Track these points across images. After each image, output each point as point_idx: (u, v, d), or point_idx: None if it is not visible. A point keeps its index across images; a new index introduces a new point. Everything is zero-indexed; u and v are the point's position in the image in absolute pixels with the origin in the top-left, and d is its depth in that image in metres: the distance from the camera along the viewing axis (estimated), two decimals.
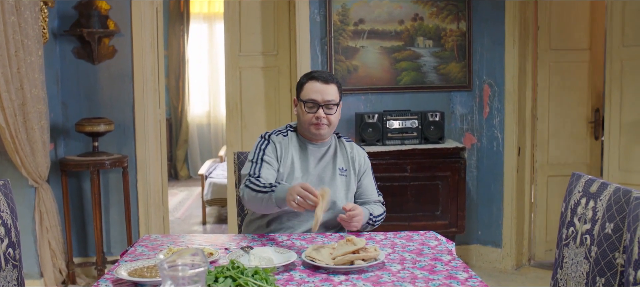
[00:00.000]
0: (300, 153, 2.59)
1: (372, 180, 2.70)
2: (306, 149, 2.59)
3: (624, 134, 3.98)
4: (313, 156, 2.59)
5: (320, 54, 4.50)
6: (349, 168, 2.61)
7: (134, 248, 2.31)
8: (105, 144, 4.39)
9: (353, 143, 2.71)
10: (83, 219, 4.47)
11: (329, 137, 2.62)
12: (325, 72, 2.59)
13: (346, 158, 2.63)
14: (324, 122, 2.52)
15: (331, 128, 2.56)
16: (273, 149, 2.56)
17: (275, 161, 2.54)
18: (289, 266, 2.02)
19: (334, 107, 2.53)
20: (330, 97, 2.51)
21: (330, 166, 2.59)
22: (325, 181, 2.55)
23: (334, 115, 2.54)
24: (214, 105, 9.02)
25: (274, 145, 2.57)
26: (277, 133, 2.62)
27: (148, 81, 4.43)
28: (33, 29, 3.73)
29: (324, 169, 2.58)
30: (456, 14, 4.51)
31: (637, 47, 3.88)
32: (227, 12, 4.77)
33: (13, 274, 2.14)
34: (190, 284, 1.28)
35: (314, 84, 2.53)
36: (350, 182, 2.61)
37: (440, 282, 1.86)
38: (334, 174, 2.57)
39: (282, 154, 2.56)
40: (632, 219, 1.66)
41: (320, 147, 2.60)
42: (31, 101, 3.74)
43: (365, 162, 2.69)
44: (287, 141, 2.60)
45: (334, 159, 2.61)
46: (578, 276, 1.98)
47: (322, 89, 2.51)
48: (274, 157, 2.55)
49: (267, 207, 2.40)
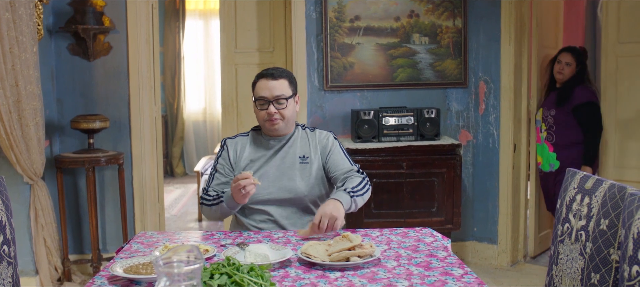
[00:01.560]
0: (257, 149, 2.68)
1: (342, 155, 2.68)
2: (266, 144, 2.67)
3: (619, 130, 3.99)
4: (272, 149, 2.66)
5: (316, 50, 4.50)
6: (311, 155, 2.65)
7: (130, 245, 2.31)
8: (101, 141, 4.38)
9: (317, 130, 2.76)
10: (78, 216, 4.46)
11: (287, 131, 2.67)
12: (274, 69, 2.64)
13: (308, 146, 2.68)
14: (277, 118, 2.58)
15: (286, 122, 2.62)
16: (226, 156, 2.69)
17: (228, 167, 2.66)
18: (285, 263, 2.02)
19: (284, 101, 2.57)
20: (279, 92, 2.57)
21: (290, 156, 2.64)
22: (284, 170, 2.61)
23: (286, 109, 2.59)
24: (209, 102, 9.00)
25: (228, 151, 2.69)
26: (236, 136, 2.76)
27: (143, 78, 4.42)
28: (28, 25, 3.71)
29: (283, 160, 2.64)
30: (452, 11, 4.51)
31: (633, 44, 3.88)
32: (222, 9, 4.76)
33: (8, 271, 2.14)
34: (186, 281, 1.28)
35: (262, 81, 2.60)
36: (312, 168, 2.63)
37: (435, 278, 1.86)
38: (294, 163, 2.63)
39: (237, 154, 2.67)
40: (627, 216, 1.67)
41: (280, 141, 2.67)
42: (26, 98, 3.72)
43: (329, 141, 2.70)
44: (246, 140, 2.71)
45: (293, 149, 2.66)
46: (573, 272, 1.99)
47: (271, 86, 2.57)
48: (227, 163, 2.67)
49: (225, 213, 2.55)
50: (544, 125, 4.35)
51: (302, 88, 4.46)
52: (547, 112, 4.33)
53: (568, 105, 4.18)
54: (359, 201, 2.48)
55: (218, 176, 2.66)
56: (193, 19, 8.81)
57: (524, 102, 4.51)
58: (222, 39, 4.78)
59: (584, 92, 4.18)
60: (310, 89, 4.50)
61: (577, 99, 4.16)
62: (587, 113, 4.13)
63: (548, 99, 4.36)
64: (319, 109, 4.53)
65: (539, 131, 4.41)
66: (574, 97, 4.17)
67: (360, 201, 2.49)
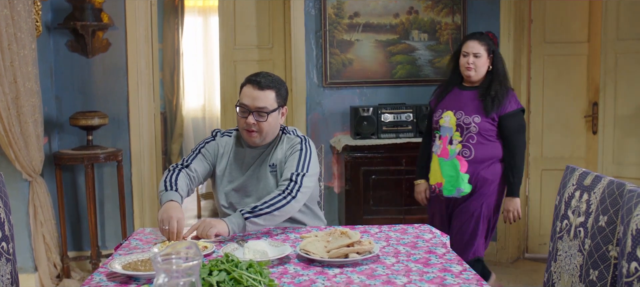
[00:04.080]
0: (236, 155, 2.60)
1: (296, 161, 2.48)
2: (244, 153, 2.59)
3: (618, 127, 3.99)
4: (249, 156, 2.58)
5: (315, 47, 4.49)
6: (279, 162, 2.54)
7: (128, 242, 2.31)
8: (100, 137, 4.37)
9: (292, 135, 2.60)
10: (77, 213, 4.46)
11: (263, 143, 2.54)
12: (264, 77, 2.49)
13: (282, 153, 2.55)
14: (254, 129, 2.46)
15: (265, 135, 2.50)
16: (214, 148, 2.62)
17: (211, 158, 2.60)
18: (284, 259, 2.02)
19: (265, 114, 2.45)
20: (262, 104, 2.44)
21: (264, 166, 2.56)
22: (260, 180, 2.54)
23: (265, 123, 2.46)
24: (209, 99, 8.99)
25: (217, 145, 2.62)
26: (224, 133, 2.67)
27: (142, 74, 4.41)
28: (26, 22, 3.70)
29: (259, 169, 2.56)
30: (451, 8, 4.51)
31: (632, 41, 3.88)
32: (221, 5, 4.76)
33: (7, 268, 2.14)
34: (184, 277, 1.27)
35: (248, 88, 2.48)
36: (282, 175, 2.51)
37: (434, 275, 1.86)
38: (266, 172, 2.55)
39: (218, 155, 2.61)
40: (626, 212, 1.67)
41: (259, 150, 2.57)
42: (25, 95, 3.72)
43: (295, 146, 2.53)
44: (229, 142, 2.63)
45: (265, 158, 2.57)
46: (572, 269, 1.99)
47: (255, 95, 2.44)
48: (212, 154, 2.61)
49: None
50: (457, 134, 3.28)
51: (301, 85, 4.46)
52: (466, 118, 3.27)
53: (495, 113, 3.24)
54: (261, 220, 2.31)
55: (200, 158, 2.59)
56: (192, 16, 8.79)
57: (523, 98, 4.50)
58: (221, 36, 4.78)
59: (513, 95, 3.32)
60: (309, 86, 4.50)
61: (508, 104, 3.26)
62: (519, 125, 3.29)
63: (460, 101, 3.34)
64: (318, 105, 4.53)
65: (447, 142, 3.31)
66: (505, 102, 3.25)
67: (267, 218, 2.33)
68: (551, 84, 4.57)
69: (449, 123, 3.31)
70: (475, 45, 3.31)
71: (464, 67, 3.33)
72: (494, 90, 3.26)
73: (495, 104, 3.23)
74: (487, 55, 3.31)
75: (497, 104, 3.23)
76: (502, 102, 3.24)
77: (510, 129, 3.25)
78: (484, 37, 3.36)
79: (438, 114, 3.40)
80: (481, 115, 3.24)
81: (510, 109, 3.26)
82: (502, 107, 3.24)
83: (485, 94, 3.28)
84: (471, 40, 3.34)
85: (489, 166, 3.29)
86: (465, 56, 3.32)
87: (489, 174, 3.28)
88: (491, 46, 3.34)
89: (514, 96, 3.32)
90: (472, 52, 3.30)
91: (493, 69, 3.33)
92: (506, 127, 3.25)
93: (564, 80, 4.56)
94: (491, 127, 3.26)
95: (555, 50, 4.54)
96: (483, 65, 3.31)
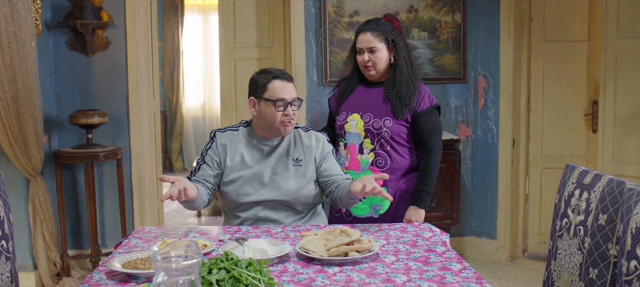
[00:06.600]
0: (250, 147, 2.65)
1: (335, 162, 2.70)
2: (257, 143, 2.65)
3: (618, 125, 3.99)
4: (265, 149, 2.64)
5: (315, 45, 4.49)
6: (305, 157, 2.64)
7: (128, 240, 2.31)
8: (99, 136, 4.37)
9: (312, 132, 2.73)
10: (77, 211, 4.46)
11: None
12: (284, 71, 2.64)
13: (302, 148, 2.66)
14: (294, 120, 2.59)
15: (295, 122, 2.64)
16: (215, 149, 2.65)
17: (215, 161, 2.63)
18: (283, 258, 2.02)
19: (297, 104, 2.60)
20: (295, 94, 2.60)
21: (284, 158, 2.63)
22: (279, 171, 2.60)
23: (297, 112, 2.61)
24: (208, 97, 8.99)
25: (217, 145, 2.65)
26: (226, 130, 2.70)
27: (142, 73, 4.41)
28: (26, 20, 3.70)
29: (278, 161, 2.63)
30: (451, 6, 4.50)
31: (632, 39, 3.88)
32: (221, 4, 4.75)
33: (6, 266, 2.14)
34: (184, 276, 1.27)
35: (279, 82, 2.57)
36: (307, 170, 2.62)
37: (434, 273, 1.86)
38: (287, 165, 2.62)
39: (228, 149, 2.63)
40: (625, 210, 1.67)
41: (273, 141, 2.65)
42: (24, 93, 3.72)
43: (327, 146, 2.70)
44: (237, 137, 2.67)
45: (287, 150, 2.65)
46: (571, 267, 1.99)
47: (289, 88, 2.58)
48: (215, 157, 2.64)
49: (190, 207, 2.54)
50: (368, 141, 2.82)
51: (300, 83, 4.46)
52: (376, 122, 2.81)
53: (408, 114, 2.79)
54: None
55: (205, 167, 2.64)
56: (192, 14, 8.80)
57: (523, 97, 4.50)
58: (220, 34, 4.77)
59: (425, 90, 2.86)
60: (309, 84, 4.50)
61: (420, 102, 2.81)
62: (433, 125, 2.83)
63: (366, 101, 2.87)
64: (317, 104, 4.53)
65: (356, 151, 2.85)
66: (416, 99, 2.80)
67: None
68: (551, 82, 4.57)
69: (357, 128, 2.82)
70: (369, 39, 2.79)
71: (361, 66, 2.85)
72: (398, 88, 2.77)
73: (404, 105, 2.75)
74: (387, 46, 2.81)
75: (406, 103, 2.75)
76: (411, 100, 2.76)
77: (422, 130, 2.78)
78: (379, 25, 2.82)
79: (342, 117, 2.89)
80: (392, 118, 2.78)
81: (423, 106, 2.78)
82: (413, 106, 2.77)
83: (390, 94, 2.79)
84: (363, 33, 2.82)
85: (411, 176, 2.85)
86: (360, 53, 2.83)
87: (411, 186, 2.83)
88: (389, 35, 2.81)
89: (426, 91, 2.83)
90: (367, 47, 2.80)
91: (395, 62, 2.82)
92: (418, 127, 2.78)
93: (564, 79, 4.56)
94: (406, 131, 2.81)
95: (555, 49, 4.55)
96: (382, 59, 2.80)
